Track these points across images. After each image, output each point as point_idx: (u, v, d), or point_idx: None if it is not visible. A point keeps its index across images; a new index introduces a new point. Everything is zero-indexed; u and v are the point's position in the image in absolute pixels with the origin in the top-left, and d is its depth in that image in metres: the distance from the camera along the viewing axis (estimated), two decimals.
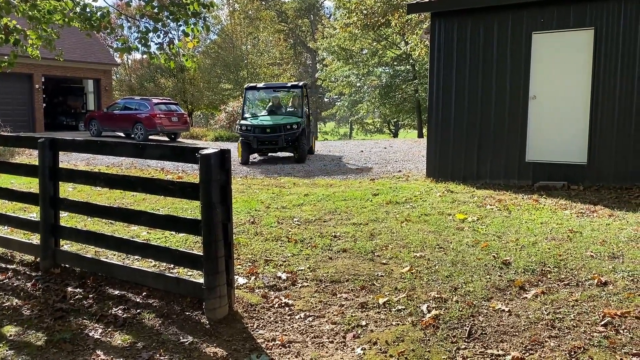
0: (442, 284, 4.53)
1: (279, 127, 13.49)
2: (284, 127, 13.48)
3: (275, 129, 13.47)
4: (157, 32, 7.10)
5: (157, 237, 5.99)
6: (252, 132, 13.50)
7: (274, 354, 3.49)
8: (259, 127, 13.53)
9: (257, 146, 13.49)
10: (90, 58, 26.47)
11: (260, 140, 13.46)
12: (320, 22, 46.01)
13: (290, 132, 13.47)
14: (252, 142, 13.44)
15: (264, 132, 13.46)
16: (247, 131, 13.60)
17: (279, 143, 13.45)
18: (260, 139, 13.43)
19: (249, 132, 13.55)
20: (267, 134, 13.43)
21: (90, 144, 5.04)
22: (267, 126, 13.53)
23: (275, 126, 13.51)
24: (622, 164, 8.75)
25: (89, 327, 3.88)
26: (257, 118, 14.22)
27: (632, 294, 4.18)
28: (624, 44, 8.64)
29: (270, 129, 13.47)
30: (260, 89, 15.55)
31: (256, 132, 13.47)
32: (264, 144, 13.53)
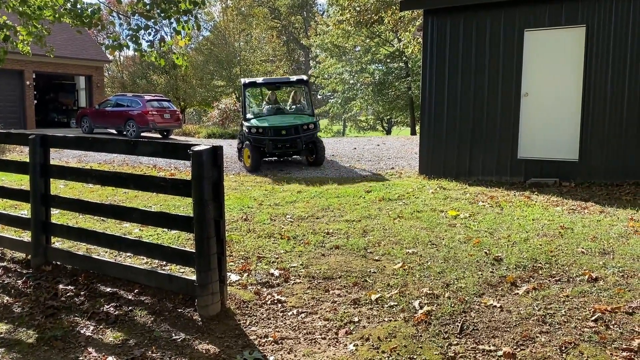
0: (434, 280, 4.54)
1: (296, 128, 11.87)
2: (301, 127, 11.90)
3: (292, 130, 11.82)
4: (149, 30, 7.07)
5: (149, 234, 5.97)
6: (266, 134, 11.71)
7: (267, 350, 3.49)
8: (273, 128, 11.76)
9: (272, 150, 11.77)
10: (81, 54, 26.30)
11: (276, 144, 11.73)
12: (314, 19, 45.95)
13: (307, 133, 11.95)
14: (267, 146, 11.65)
15: (279, 134, 11.74)
16: (258, 134, 11.80)
17: (297, 146, 11.82)
18: (276, 141, 11.71)
19: (262, 134, 11.76)
20: (283, 136, 11.74)
21: (82, 140, 5.01)
22: (283, 127, 11.81)
23: (291, 127, 11.86)
24: (613, 161, 8.81)
25: (80, 325, 3.87)
26: (266, 118, 12.40)
27: (622, 289, 4.21)
28: (615, 42, 8.69)
29: (286, 131, 11.77)
30: (261, 85, 13.76)
31: (271, 135, 11.68)
32: (280, 147, 11.86)
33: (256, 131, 11.83)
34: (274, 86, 14.04)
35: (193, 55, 36.16)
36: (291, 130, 11.79)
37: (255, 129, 11.86)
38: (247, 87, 13.20)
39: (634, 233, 5.79)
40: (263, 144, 11.74)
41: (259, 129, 11.80)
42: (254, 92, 14.90)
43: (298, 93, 13.80)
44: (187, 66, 7.89)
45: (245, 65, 36.67)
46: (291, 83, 13.74)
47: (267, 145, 11.67)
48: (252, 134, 11.87)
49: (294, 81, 13.55)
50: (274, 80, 14.36)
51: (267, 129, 11.75)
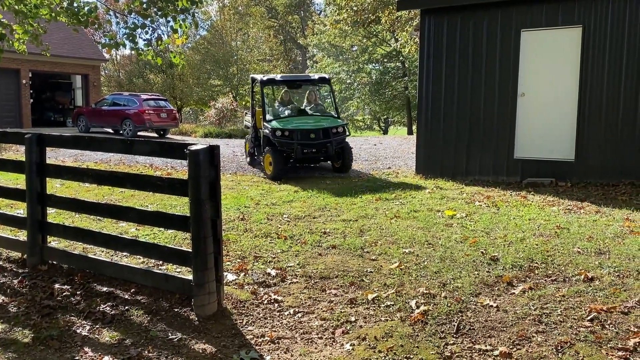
0: (430, 280, 4.55)
1: (325, 131, 10.51)
2: (331, 131, 10.57)
3: (321, 134, 10.46)
4: (145, 28, 7.05)
5: (145, 233, 5.96)
6: (293, 138, 10.28)
7: (263, 350, 3.49)
8: (301, 131, 10.36)
9: (300, 155, 10.35)
10: (78, 53, 26.23)
11: (305, 149, 10.36)
12: (311, 19, 45.93)
13: (337, 137, 10.64)
14: (295, 151, 10.24)
15: (307, 137, 10.35)
16: (284, 137, 10.35)
17: (328, 151, 10.48)
18: (305, 146, 10.33)
19: (288, 138, 10.33)
20: (312, 141, 10.37)
21: (78, 139, 5.00)
22: (312, 130, 10.44)
23: (320, 130, 10.48)
24: (609, 161, 8.84)
25: (76, 324, 3.86)
26: (289, 120, 10.92)
27: (617, 289, 4.23)
28: (611, 42, 8.71)
29: (315, 134, 10.40)
30: (279, 83, 12.21)
31: (299, 138, 10.27)
32: (309, 153, 10.47)
33: (281, 134, 10.35)
34: (294, 84, 12.50)
35: (190, 54, 36.09)
36: (320, 133, 10.44)
37: (280, 132, 10.36)
38: (264, 84, 11.68)
39: (630, 233, 5.81)
40: (290, 149, 10.34)
41: (285, 132, 10.34)
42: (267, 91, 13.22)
43: (314, 93, 12.45)
44: (183, 65, 7.88)
45: (242, 64, 36.63)
46: (313, 81, 12.19)
47: (295, 151, 10.26)
48: (277, 138, 10.36)
49: (315, 79, 12.03)
50: (294, 77, 12.94)
51: (294, 132, 10.31)
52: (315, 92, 12.61)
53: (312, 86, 12.57)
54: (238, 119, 26.98)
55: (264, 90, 11.70)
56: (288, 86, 12.57)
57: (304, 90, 13.62)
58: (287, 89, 12.59)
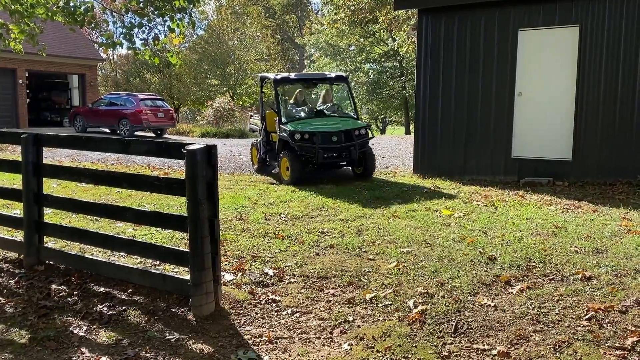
0: (428, 280, 4.55)
1: (348, 133, 9.77)
2: (353, 133, 9.82)
3: (343, 137, 9.71)
4: (142, 28, 7.04)
5: (143, 233, 5.95)
6: (314, 141, 9.51)
7: (261, 350, 3.48)
8: (322, 134, 9.60)
9: (322, 160, 9.58)
10: (74, 53, 26.16)
11: (327, 153, 9.59)
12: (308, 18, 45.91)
13: (360, 139, 9.88)
14: (317, 155, 9.48)
15: (329, 140, 9.62)
16: (303, 140, 9.59)
17: (351, 155, 9.69)
18: (327, 150, 9.56)
19: (308, 141, 9.57)
20: (334, 144, 9.63)
21: (75, 139, 4.98)
22: (333, 133, 9.71)
23: (342, 132, 9.74)
24: (606, 160, 8.85)
25: (73, 325, 3.84)
26: (307, 122, 10.13)
27: (615, 288, 4.23)
28: (608, 41, 8.73)
29: (337, 137, 9.66)
30: (294, 81, 11.31)
31: (320, 142, 9.51)
32: (331, 157, 9.71)
33: (301, 137, 9.59)
34: (309, 83, 11.69)
35: (187, 54, 36.04)
36: (342, 136, 9.70)
37: (299, 135, 9.60)
38: (278, 83, 10.70)
39: (627, 232, 5.82)
40: (310, 153, 9.60)
41: (304, 135, 9.58)
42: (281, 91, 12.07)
43: (330, 92, 11.59)
44: (181, 65, 7.87)
45: (239, 64, 36.59)
46: (329, 80, 11.35)
47: (316, 155, 9.50)
48: (296, 141, 9.59)
49: (332, 77, 11.19)
50: (310, 76, 12.24)
51: (315, 134, 9.55)
52: (331, 91, 11.75)
53: (340, 84, 11.81)
54: (235, 119, 26.96)
55: (277, 90, 10.67)
56: (303, 85, 11.77)
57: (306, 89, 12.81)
58: (302, 88, 11.80)
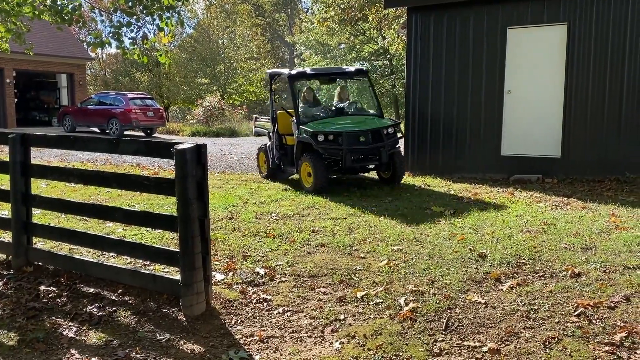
0: (419, 277, 4.56)
1: (377, 133, 8.62)
2: (382, 132, 8.67)
3: (370, 137, 8.57)
4: (131, 27, 6.99)
5: (132, 233, 5.91)
6: (340, 142, 8.39)
7: (252, 349, 3.47)
8: (349, 134, 8.46)
9: (350, 164, 8.50)
10: (63, 52, 25.95)
11: (355, 155, 8.56)
12: (298, 16, 45.85)
13: (390, 139, 8.76)
14: (344, 159, 8.38)
15: (356, 141, 8.48)
16: (328, 142, 8.46)
17: (381, 157, 8.55)
18: (355, 152, 8.48)
19: (333, 142, 8.45)
20: (362, 145, 8.50)
21: (63, 139, 4.94)
22: (361, 132, 8.57)
23: (370, 132, 8.60)
24: (595, 157, 8.92)
25: (63, 326, 3.81)
26: (328, 121, 9.06)
27: (604, 284, 4.27)
28: (596, 40, 8.79)
29: (365, 137, 8.53)
30: (310, 77, 10.28)
31: (347, 143, 8.36)
32: (358, 160, 8.70)
33: (324, 138, 8.46)
34: (327, 79, 10.62)
35: (176, 52, 35.86)
36: (370, 136, 8.56)
37: (323, 136, 8.47)
38: (294, 79, 9.52)
39: (616, 228, 5.87)
40: (335, 156, 8.54)
41: (329, 136, 8.46)
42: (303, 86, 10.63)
43: (345, 89, 10.43)
44: (170, 64, 7.83)
45: (229, 62, 36.47)
46: (348, 74, 10.14)
47: (343, 158, 8.40)
48: (320, 143, 8.47)
49: (352, 72, 9.96)
50: (327, 70, 11.21)
51: (341, 135, 8.42)
52: (346, 88, 10.58)
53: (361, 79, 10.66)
54: (226, 118, 26.89)
55: (293, 86, 9.49)
56: (320, 81, 10.91)
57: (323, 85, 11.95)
58: (319, 83, 10.94)
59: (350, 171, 9.02)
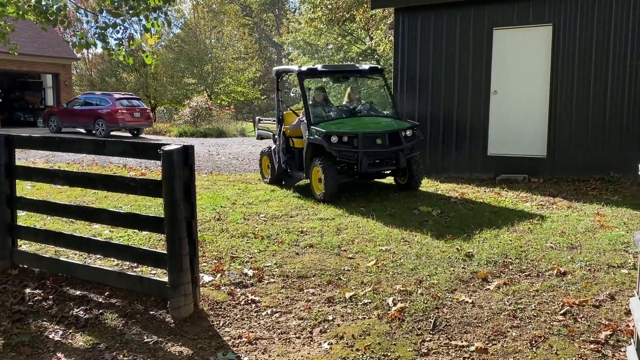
0: (407, 277, 4.58)
1: (395, 135, 8.00)
2: (400, 134, 8.02)
3: (387, 139, 7.95)
4: (117, 28, 6.94)
5: (120, 235, 5.87)
6: (356, 145, 7.73)
7: (241, 351, 3.46)
8: (365, 135, 7.81)
9: (366, 168, 7.79)
10: (48, 52, 25.69)
11: (371, 159, 7.86)
12: (285, 17, 45.82)
13: (409, 142, 8.11)
14: (360, 163, 7.70)
15: (373, 144, 7.85)
16: (342, 144, 7.78)
17: (399, 161, 7.93)
18: (371, 155, 7.84)
19: (348, 145, 7.78)
20: (379, 148, 7.88)
21: (48, 140, 4.90)
22: (378, 134, 7.94)
23: (387, 134, 7.98)
24: (580, 157, 9.02)
25: (49, 329, 3.78)
26: (342, 122, 8.33)
27: (589, 283, 4.31)
28: (580, 40, 8.89)
29: (382, 140, 7.91)
30: (321, 74, 9.61)
31: (363, 146, 7.71)
32: (374, 165, 7.96)
33: (338, 140, 7.76)
34: (339, 76, 10.00)
35: (163, 52, 35.66)
36: (387, 138, 7.94)
37: (337, 138, 7.76)
38: (304, 76, 8.83)
39: (600, 227, 5.94)
40: (350, 160, 7.86)
41: (343, 138, 7.77)
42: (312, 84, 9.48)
43: (356, 88, 9.80)
44: (156, 64, 7.79)
45: (216, 62, 36.34)
46: (362, 72, 9.50)
47: (358, 162, 7.73)
48: (333, 145, 7.75)
49: (366, 70, 9.29)
50: (339, 68, 10.51)
51: (356, 136, 7.75)
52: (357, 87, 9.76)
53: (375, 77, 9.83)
54: (213, 118, 26.78)
55: (303, 84, 8.76)
56: (333, 79, 10.02)
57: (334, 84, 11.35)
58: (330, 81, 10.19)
59: (365, 176, 8.36)
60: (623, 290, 4.14)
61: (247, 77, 37.95)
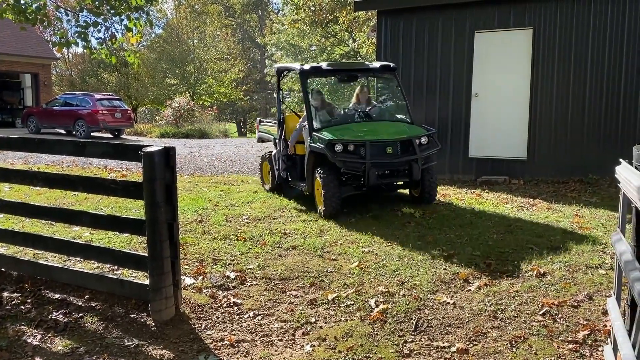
0: (389, 279, 4.60)
1: (409, 143, 7.06)
2: (414, 142, 7.04)
3: (400, 148, 7.02)
4: (98, 27, 6.86)
5: (100, 237, 5.81)
6: (363, 154, 6.80)
7: (223, 354, 3.45)
8: (373, 143, 6.88)
9: (374, 181, 6.82)
10: (27, 51, 25.30)
11: (380, 170, 6.91)
12: (269, 18, 45.74)
13: (425, 151, 7.17)
14: (368, 175, 6.76)
15: (382, 153, 6.94)
16: (347, 153, 6.83)
17: (412, 172, 6.96)
18: (381, 166, 6.90)
19: (354, 154, 6.84)
20: (390, 158, 6.94)
21: (27, 141, 4.83)
22: (388, 142, 6.99)
23: (398, 142, 7.03)
24: (559, 159, 9.14)
25: (27, 334, 3.72)
26: (350, 128, 7.38)
27: (568, 284, 4.38)
28: (560, 43, 9.01)
29: (393, 148, 6.98)
30: (328, 73, 8.60)
31: (371, 155, 6.79)
32: (384, 176, 7.04)
33: (343, 149, 6.82)
34: (346, 75, 8.75)
35: (145, 53, 35.35)
36: (398, 146, 7.01)
37: (341, 146, 6.81)
38: (306, 75, 7.84)
39: (579, 229, 6.03)
40: (356, 171, 6.92)
41: (348, 146, 6.83)
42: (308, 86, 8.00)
43: (366, 89, 8.57)
44: (139, 64, 7.72)
45: (199, 63, 36.15)
46: (372, 71, 8.40)
47: (366, 174, 6.78)
48: (338, 155, 6.79)
49: (376, 68, 8.14)
50: (347, 66, 9.38)
51: (363, 145, 6.83)
52: (366, 88, 8.64)
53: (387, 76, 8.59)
54: (196, 119, 26.61)
55: (306, 84, 7.75)
56: (339, 78, 9.00)
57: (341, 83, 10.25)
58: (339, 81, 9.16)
59: (373, 189, 7.27)
60: (601, 291, 4.21)
61: (229, 78, 37.82)
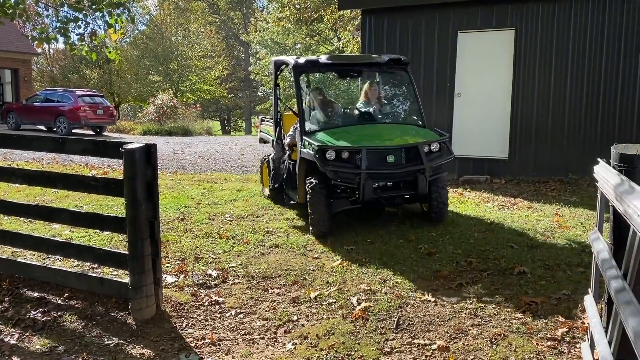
0: (371, 277, 4.62)
1: (414, 151, 5.97)
2: (422, 149, 5.96)
3: (405, 156, 5.94)
4: (79, 22, 6.77)
5: (80, 235, 5.74)
6: (359, 163, 5.74)
7: (204, 352, 3.43)
8: (371, 150, 5.83)
9: (371, 195, 5.79)
10: (6, 46, 24.92)
11: (381, 183, 5.95)
12: (253, 15, 45.55)
13: (434, 160, 6.09)
14: (364, 188, 5.72)
15: (382, 162, 5.87)
16: (341, 161, 5.80)
17: (418, 185, 5.89)
18: (379, 177, 5.88)
19: (349, 162, 5.80)
20: (390, 169, 5.86)
21: (6, 138, 4.74)
22: (390, 149, 5.91)
23: (403, 149, 5.94)
24: (540, 159, 9.25)
25: (4, 333, 3.67)
26: (346, 130, 6.39)
27: (547, 282, 4.44)
28: (541, 45, 9.11)
29: (396, 156, 5.88)
30: (327, 68, 7.10)
31: (368, 164, 5.73)
32: (385, 189, 6.01)
33: (336, 157, 5.79)
34: (348, 70, 7.47)
35: (128, 49, 35.01)
36: (402, 154, 5.92)
37: (334, 153, 5.79)
38: (300, 70, 6.83)
39: (559, 227, 6.10)
40: (351, 182, 5.84)
41: (342, 153, 5.79)
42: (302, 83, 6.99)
43: (375, 86, 7.34)
44: (121, 61, 7.64)
45: (182, 60, 35.89)
46: (379, 65, 6.99)
47: (361, 187, 5.75)
48: (329, 163, 5.76)
49: (384, 62, 6.90)
50: (350, 60, 8.40)
51: (359, 152, 5.77)
52: (376, 85, 7.38)
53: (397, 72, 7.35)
54: (179, 116, 26.43)
55: (299, 81, 6.74)
56: (340, 74, 7.77)
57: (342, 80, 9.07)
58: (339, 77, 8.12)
59: (370, 204, 6.11)
60: (579, 289, 4.27)
61: (213, 76, 37.61)
